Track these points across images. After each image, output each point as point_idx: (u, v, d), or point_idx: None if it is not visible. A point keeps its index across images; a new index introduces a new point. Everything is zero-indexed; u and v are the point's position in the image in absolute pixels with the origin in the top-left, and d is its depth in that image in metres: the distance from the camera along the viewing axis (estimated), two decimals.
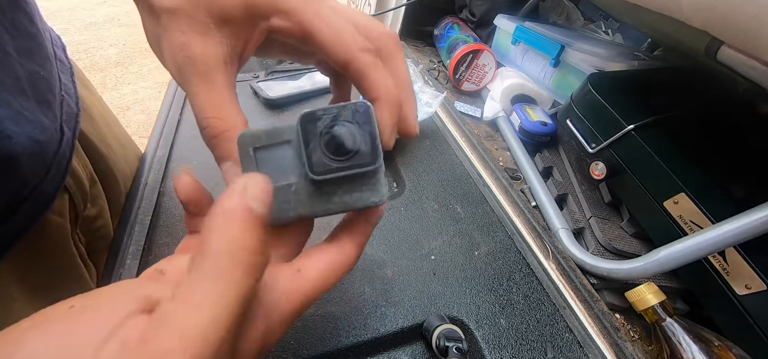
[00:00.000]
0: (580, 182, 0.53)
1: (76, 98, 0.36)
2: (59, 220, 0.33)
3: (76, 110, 0.35)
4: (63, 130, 0.32)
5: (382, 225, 0.42)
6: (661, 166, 0.41)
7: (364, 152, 0.18)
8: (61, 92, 0.34)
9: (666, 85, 0.55)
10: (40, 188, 0.29)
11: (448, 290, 0.37)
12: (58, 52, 0.37)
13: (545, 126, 0.58)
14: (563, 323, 0.37)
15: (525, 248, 0.43)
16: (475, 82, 0.70)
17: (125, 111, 2.07)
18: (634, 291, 0.37)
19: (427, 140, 0.55)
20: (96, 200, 0.40)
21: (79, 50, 2.51)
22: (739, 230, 0.33)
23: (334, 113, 0.18)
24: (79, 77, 0.44)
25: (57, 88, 0.33)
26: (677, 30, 0.40)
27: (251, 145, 0.18)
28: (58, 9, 2.94)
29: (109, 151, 0.44)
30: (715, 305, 0.38)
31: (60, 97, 0.33)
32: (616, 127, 0.45)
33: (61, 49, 0.38)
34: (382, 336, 0.33)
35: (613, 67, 0.56)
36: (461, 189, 0.48)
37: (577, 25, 0.79)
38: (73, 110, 0.35)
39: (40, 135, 0.28)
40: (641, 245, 0.46)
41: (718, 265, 0.37)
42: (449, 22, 0.79)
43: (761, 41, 0.30)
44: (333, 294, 0.35)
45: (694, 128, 0.46)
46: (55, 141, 0.31)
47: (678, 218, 0.39)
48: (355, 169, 0.18)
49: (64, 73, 0.36)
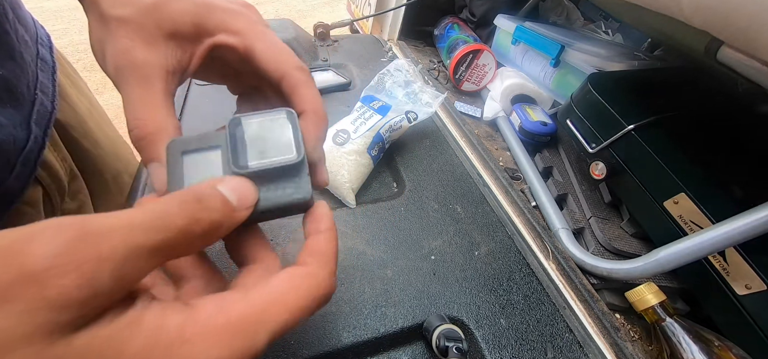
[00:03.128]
0: (580, 182, 0.53)
1: (53, 97, 0.37)
2: (31, 210, 0.34)
3: (50, 108, 0.36)
4: (31, 128, 0.33)
5: (382, 225, 0.42)
6: (661, 166, 0.41)
7: (284, 149, 0.19)
8: (36, 90, 0.34)
9: (666, 85, 0.55)
10: (4, 186, 0.30)
11: (448, 290, 0.37)
12: (42, 51, 0.37)
13: (545, 126, 0.58)
14: (563, 323, 0.37)
15: (525, 248, 0.43)
16: (475, 83, 0.70)
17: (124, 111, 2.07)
18: (634, 291, 0.37)
19: (427, 140, 0.55)
20: (76, 194, 0.40)
21: (79, 50, 2.50)
22: (739, 230, 0.33)
23: (259, 116, 0.20)
24: (68, 75, 0.44)
25: (25, 88, 0.33)
26: (677, 30, 0.40)
27: (180, 149, 0.19)
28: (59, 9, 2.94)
29: (96, 147, 0.45)
30: (715, 305, 0.38)
31: (32, 96, 0.34)
32: (616, 127, 0.45)
33: (47, 48, 0.38)
34: (382, 336, 0.33)
35: (613, 67, 0.56)
36: (461, 189, 0.48)
37: (577, 25, 0.79)
38: (47, 108, 0.35)
39: None
40: (641, 245, 0.46)
41: (718, 265, 0.37)
42: (449, 22, 0.79)
43: (761, 41, 0.30)
44: (333, 294, 0.35)
45: (694, 128, 0.46)
46: (19, 139, 0.31)
47: (678, 218, 0.39)
48: (276, 164, 0.19)
49: (44, 72, 0.36)
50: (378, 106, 0.50)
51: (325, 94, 0.62)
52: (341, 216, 0.42)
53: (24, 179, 0.32)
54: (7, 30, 0.32)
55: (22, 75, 0.33)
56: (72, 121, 0.42)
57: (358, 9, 1.06)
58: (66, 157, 0.40)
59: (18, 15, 0.35)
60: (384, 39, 0.84)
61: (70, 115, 0.42)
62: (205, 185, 0.17)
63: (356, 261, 0.38)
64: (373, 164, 0.47)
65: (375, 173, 0.49)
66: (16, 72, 0.32)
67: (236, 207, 0.17)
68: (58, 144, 0.39)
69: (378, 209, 0.44)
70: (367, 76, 0.65)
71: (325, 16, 3.08)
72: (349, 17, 1.04)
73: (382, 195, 0.48)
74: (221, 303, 0.15)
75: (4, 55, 0.31)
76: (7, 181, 0.30)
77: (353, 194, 0.44)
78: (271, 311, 0.16)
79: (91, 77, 2.19)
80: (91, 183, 0.43)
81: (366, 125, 0.47)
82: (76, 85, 0.46)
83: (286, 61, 0.22)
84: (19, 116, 0.32)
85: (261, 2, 3.38)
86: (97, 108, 0.49)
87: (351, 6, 1.16)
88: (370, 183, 0.48)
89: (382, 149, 0.48)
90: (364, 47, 0.77)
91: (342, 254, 0.38)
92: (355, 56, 0.73)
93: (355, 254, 0.39)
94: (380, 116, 0.49)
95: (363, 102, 0.52)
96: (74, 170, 0.41)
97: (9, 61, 0.32)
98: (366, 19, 0.98)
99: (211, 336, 0.14)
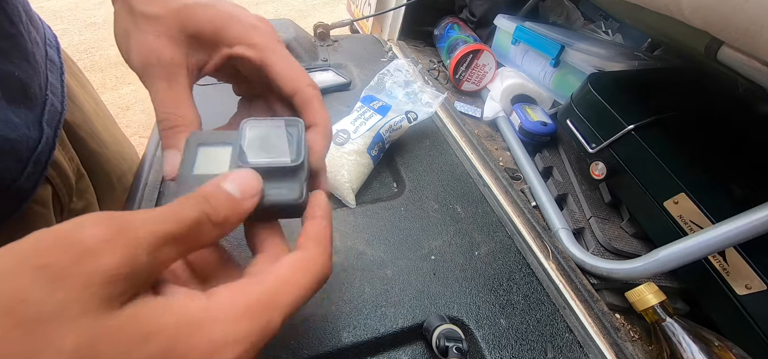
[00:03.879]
0: (580, 182, 0.53)
1: (62, 97, 0.37)
2: (42, 210, 0.34)
3: (60, 109, 0.36)
4: (43, 128, 0.33)
5: (382, 225, 0.42)
6: (661, 166, 0.41)
7: (284, 152, 0.21)
8: (47, 91, 0.35)
9: (666, 85, 0.55)
10: (16, 185, 0.30)
11: (448, 290, 0.37)
12: (50, 52, 0.37)
13: (545, 126, 0.58)
14: (563, 323, 0.37)
15: (525, 248, 0.43)
16: (475, 83, 0.70)
17: (125, 111, 2.07)
18: (634, 291, 0.37)
19: (427, 140, 0.55)
20: (83, 194, 0.41)
21: (80, 50, 2.50)
22: (739, 230, 0.33)
23: (269, 122, 0.22)
24: (75, 75, 0.45)
25: (37, 88, 0.34)
26: (677, 30, 0.40)
27: (198, 141, 0.22)
28: (59, 9, 2.94)
29: (102, 147, 0.45)
30: (715, 305, 0.38)
31: (43, 96, 0.34)
32: (616, 127, 0.45)
33: (55, 49, 0.39)
34: (382, 336, 0.33)
35: (613, 67, 0.56)
36: (461, 189, 0.48)
37: (577, 25, 0.79)
38: (57, 109, 0.36)
39: (10, 133, 0.29)
40: (641, 245, 0.46)
41: (718, 265, 0.37)
42: (449, 22, 0.79)
43: (761, 41, 0.30)
44: (333, 295, 0.35)
45: (694, 128, 0.46)
46: (31, 139, 0.32)
47: (678, 218, 0.39)
48: (277, 164, 0.21)
49: (53, 73, 0.37)
50: (378, 106, 0.50)
51: (325, 94, 0.62)
52: (341, 216, 0.42)
53: (35, 179, 0.32)
54: (22, 31, 0.32)
55: (34, 76, 0.33)
56: (79, 121, 0.42)
57: (358, 9, 1.06)
58: (73, 157, 0.40)
59: (30, 16, 0.35)
60: (384, 39, 0.84)
61: (77, 115, 0.42)
62: (211, 185, 0.18)
63: (356, 261, 0.38)
64: (373, 164, 0.47)
65: (375, 173, 0.49)
66: (30, 73, 0.33)
67: (240, 198, 0.19)
68: (66, 144, 0.39)
69: (378, 209, 0.44)
70: (367, 76, 0.65)
71: (325, 16, 3.08)
72: (349, 17, 1.04)
73: (382, 195, 0.48)
74: (240, 288, 0.17)
75: (19, 57, 0.32)
76: (20, 180, 0.31)
77: (353, 194, 0.44)
78: (282, 292, 0.17)
79: (91, 77, 2.18)
80: (97, 183, 0.44)
81: (366, 125, 0.47)
82: (83, 86, 0.46)
83: (300, 78, 0.24)
84: (31, 116, 0.32)
85: (261, 2, 3.38)
86: (102, 108, 0.50)
87: (351, 6, 1.16)
88: (370, 183, 0.48)
89: (382, 149, 0.48)
90: (364, 47, 0.77)
91: (342, 254, 0.38)
92: (355, 56, 0.73)
93: (355, 254, 0.39)
94: (380, 116, 0.49)
95: (363, 102, 0.52)
96: (81, 169, 0.41)
97: (23, 62, 0.32)
98: (366, 19, 0.98)
99: (235, 316, 0.16)
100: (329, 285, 0.36)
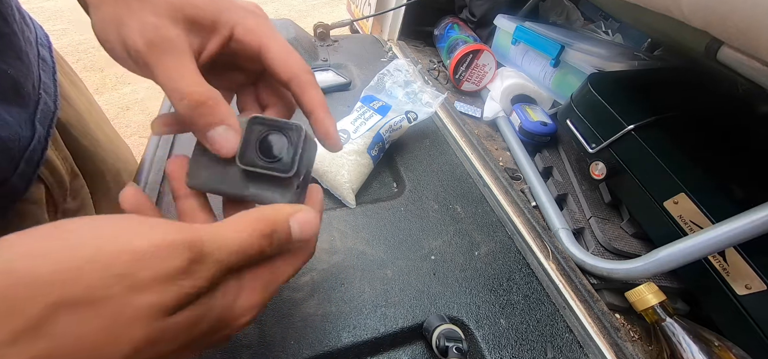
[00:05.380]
0: (580, 182, 0.53)
1: (55, 97, 0.37)
2: (35, 209, 0.34)
3: (53, 108, 0.36)
4: (35, 127, 0.33)
5: (382, 225, 0.42)
6: (661, 166, 0.41)
7: (285, 162, 0.21)
8: (40, 90, 0.35)
9: (666, 85, 0.55)
10: (8, 184, 0.30)
11: (448, 290, 0.37)
12: (43, 52, 0.38)
13: (545, 126, 0.58)
14: (563, 323, 0.37)
15: (525, 248, 0.43)
16: (475, 83, 0.70)
17: (125, 111, 2.07)
18: (634, 291, 0.37)
19: (427, 140, 0.55)
20: (78, 193, 0.41)
21: (79, 50, 2.50)
22: (739, 230, 0.33)
23: (275, 124, 0.22)
24: (67, 75, 0.45)
25: (30, 87, 0.34)
26: (677, 30, 0.40)
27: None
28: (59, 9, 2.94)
29: (96, 146, 0.45)
30: (715, 305, 0.38)
31: (36, 95, 0.34)
32: (616, 127, 0.45)
33: (47, 49, 0.39)
34: (382, 336, 0.33)
35: (613, 67, 0.56)
36: (461, 189, 0.48)
37: (577, 25, 0.79)
38: (50, 107, 0.36)
39: (2, 132, 0.29)
40: (641, 245, 0.46)
41: (718, 265, 0.37)
42: (449, 22, 0.79)
43: (761, 41, 0.30)
44: (333, 294, 0.35)
45: (694, 128, 0.46)
46: (23, 138, 0.32)
47: (678, 218, 0.39)
48: (272, 171, 0.21)
49: (45, 72, 0.37)
50: (378, 106, 0.50)
51: (325, 94, 0.62)
52: (341, 216, 0.42)
53: (28, 178, 0.32)
54: (15, 30, 0.33)
55: (27, 75, 0.33)
56: (72, 120, 0.42)
57: (358, 9, 1.06)
58: (67, 156, 0.40)
59: (22, 15, 0.35)
60: (384, 39, 0.84)
61: (71, 114, 0.42)
62: (281, 219, 0.20)
63: (356, 261, 0.38)
64: (373, 164, 0.47)
65: (375, 173, 0.49)
66: (23, 71, 0.33)
67: (297, 238, 0.21)
68: (60, 143, 0.39)
69: (378, 209, 0.44)
70: (367, 76, 0.65)
71: (325, 16, 3.08)
72: (349, 17, 1.04)
73: (382, 195, 0.48)
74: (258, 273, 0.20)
75: (12, 55, 0.32)
76: (11, 179, 0.31)
77: (353, 194, 0.44)
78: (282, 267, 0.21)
79: (91, 77, 2.19)
80: (91, 182, 0.44)
81: (366, 125, 0.47)
82: (75, 85, 0.46)
83: (296, 63, 0.24)
84: (24, 115, 0.32)
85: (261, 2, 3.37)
86: (96, 108, 0.50)
87: (351, 6, 1.16)
88: (370, 183, 0.48)
89: (382, 149, 0.48)
90: (364, 47, 0.77)
91: (342, 254, 0.38)
92: (355, 56, 0.73)
93: (355, 254, 0.39)
94: (380, 116, 0.49)
95: (363, 102, 0.52)
96: (75, 169, 0.41)
97: (16, 61, 0.32)
98: (366, 19, 0.98)
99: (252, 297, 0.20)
100: (329, 284, 0.36)
